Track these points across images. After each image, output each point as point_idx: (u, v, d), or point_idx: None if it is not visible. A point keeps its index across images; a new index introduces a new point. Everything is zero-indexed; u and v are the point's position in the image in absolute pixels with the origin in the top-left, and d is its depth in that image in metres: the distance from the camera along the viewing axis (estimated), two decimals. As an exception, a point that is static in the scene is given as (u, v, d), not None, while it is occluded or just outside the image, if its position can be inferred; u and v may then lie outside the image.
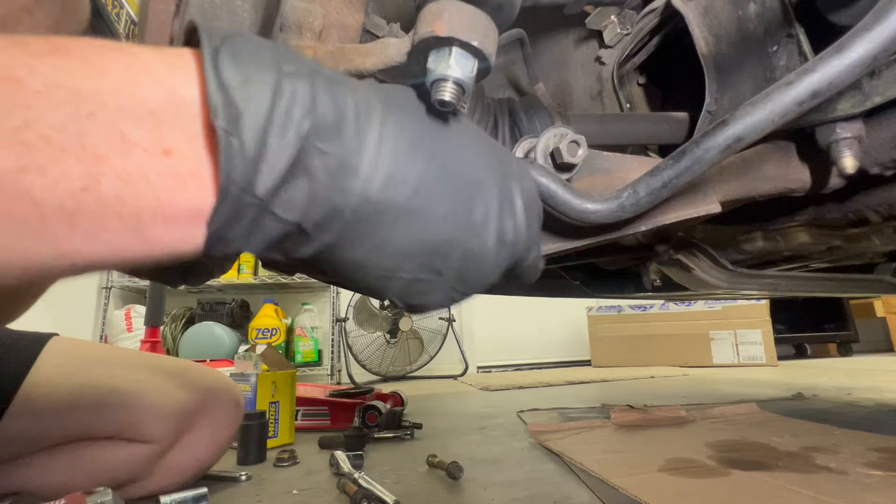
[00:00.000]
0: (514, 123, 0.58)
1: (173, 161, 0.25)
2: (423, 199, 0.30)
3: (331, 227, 0.28)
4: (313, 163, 0.27)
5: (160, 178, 0.25)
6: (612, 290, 1.17)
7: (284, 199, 0.27)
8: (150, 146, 0.24)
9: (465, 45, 0.30)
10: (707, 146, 0.36)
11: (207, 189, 0.26)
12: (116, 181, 0.24)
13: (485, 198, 0.32)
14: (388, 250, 0.30)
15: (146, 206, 0.25)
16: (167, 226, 0.25)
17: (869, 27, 0.30)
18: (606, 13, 0.71)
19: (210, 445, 0.89)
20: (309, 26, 0.45)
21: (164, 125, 0.25)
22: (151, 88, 0.25)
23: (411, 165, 0.29)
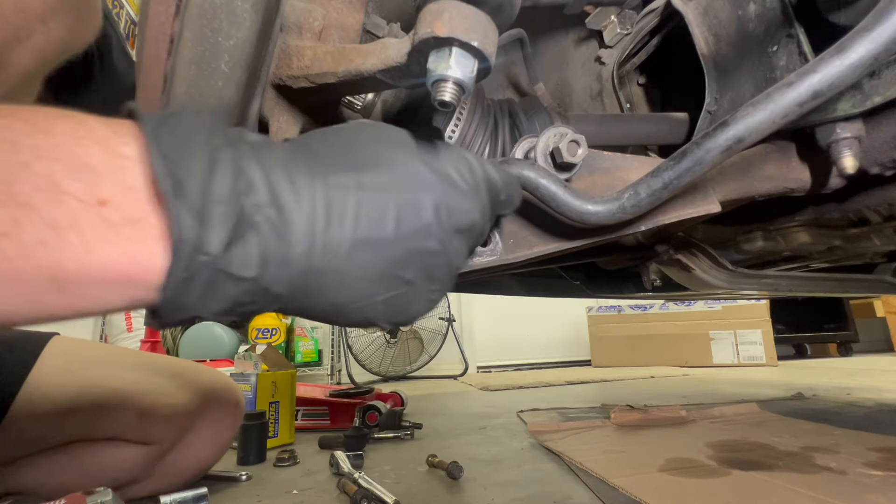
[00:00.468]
0: (514, 124, 0.58)
1: (107, 210, 0.25)
2: (367, 223, 0.30)
3: (288, 276, 0.29)
4: (257, 217, 0.28)
5: (91, 226, 0.25)
6: (612, 290, 1.17)
7: (237, 256, 0.27)
8: (85, 197, 0.24)
9: (465, 46, 0.30)
10: (708, 147, 0.36)
11: (150, 239, 0.26)
12: (42, 228, 0.23)
13: (424, 192, 0.32)
14: (354, 284, 0.31)
15: (72, 255, 0.24)
16: (94, 278, 0.25)
17: (870, 27, 0.30)
18: (606, 13, 0.71)
19: (210, 446, 0.89)
20: (309, 26, 0.44)
21: (100, 177, 0.25)
22: (91, 146, 0.26)
23: (343, 196, 0.30)
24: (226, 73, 0.38)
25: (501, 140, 0.57)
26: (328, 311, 0.32)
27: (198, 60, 0.37)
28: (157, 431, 0.81)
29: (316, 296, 0.31)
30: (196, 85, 0.38)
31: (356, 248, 0.30)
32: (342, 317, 0.33)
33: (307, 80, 0.42)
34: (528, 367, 3.89)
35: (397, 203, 0.31)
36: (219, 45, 0.37)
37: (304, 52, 0.43)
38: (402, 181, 0.32)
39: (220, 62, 0.38)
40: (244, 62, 0.38)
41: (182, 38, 0.36)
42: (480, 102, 0.57)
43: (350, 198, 0.30)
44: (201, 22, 0.36)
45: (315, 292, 0.30)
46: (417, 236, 0.32)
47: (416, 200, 0.32)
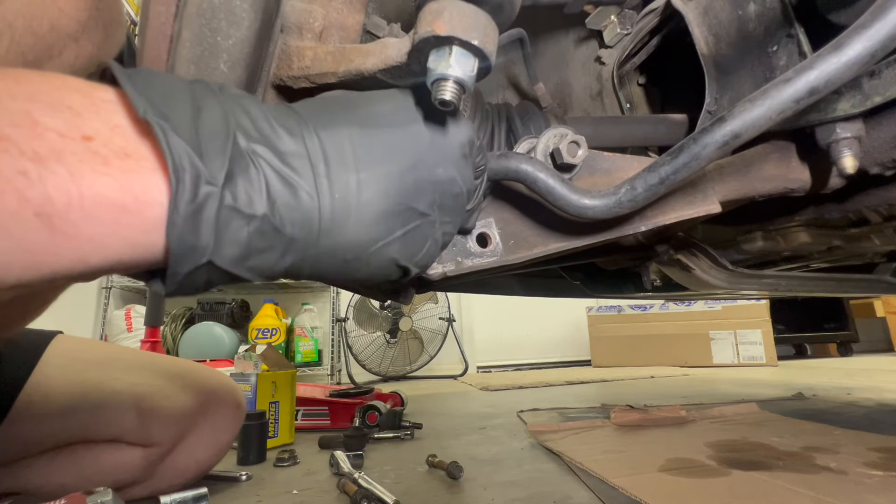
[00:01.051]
0: (511, 129, 0.58)
1: (94, 144, 0.24)
2: (369, 163, 0.31)
3: (300, 216, 0.28)
4: (258, 156, 0.27)
5: (77, 158, 0.23)
6: (612, 290, 1.17)
7: (242, 191, 0.26)
8: (67, 132, 0.23)
9: (466, 45, 0.30)
10: (704, 143, 0.36)
11: (145, 169, 0.24)
12: (21, 159, 0.22)
13: (421, 128, 0.33)
14: (370, 221, 0.30)
15: (59, 185, 0.22)
16: (87, 213, 0.23)
17: (867, 25, 0.30)
18: (606, 13, 0.71)
19: (211, 448, 0.90)
20: (309, 27, 0.45)
21: (82, 116, 0.24)
22: (69, 93, 0.25)
23: (341, 139, 0.30)
24: (225, 72, 0.38)
25: (498, 145, 0.57)
26: (350, 259, 0.31)
27: (197, 60, 0.37)
28: (157, 433, 0.81)
29: (333, 238, 0.29)
30: None
31: (364, 185, 0.30)
32: (364, 263, 0.32)
33: (308, 80, 0.42)
34: (528, 367, 3.89)
35: (394, 137, 0.32)
36: (217, 45, 0.37)
37: (304, 53, 0.43)
38: (393, 117, 0.33)
39: (219, 62, 0.38)
40: (243, 62, 0.38)
41: (181, 37, 0.37)
42: (480, 108, 0.57)
43: (345, 137, 0.30)
44: (200, 21, 0.36)
45: (331, 234, 0.29)
46: (423, 166, 0.32)
47: (411, 131, 0.33)
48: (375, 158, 0.31)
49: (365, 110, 0.32)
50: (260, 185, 0.27)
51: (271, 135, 0.28)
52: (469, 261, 0.44)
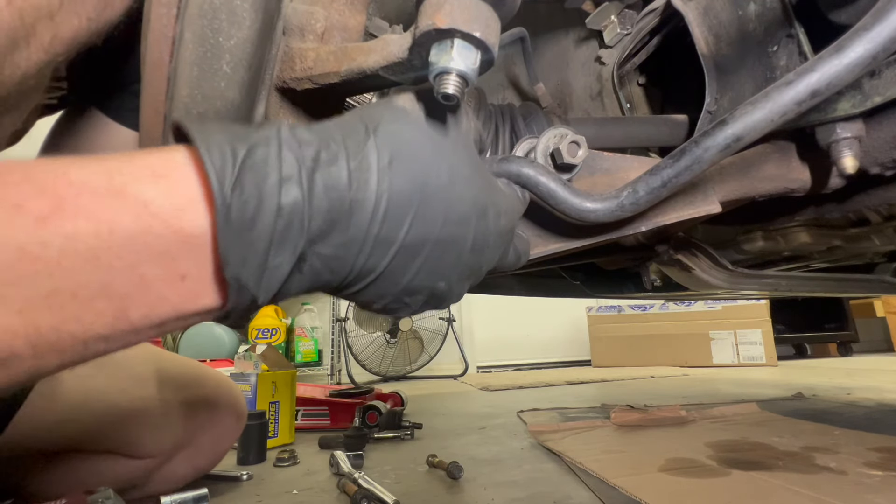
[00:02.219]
0: (514, 130, 0.58)
1: (188, 284, 0.29)
2: (403, 260, 0.32)
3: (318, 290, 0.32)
4: (309, 261, 0.30)
5: (179, 297, 0.29)
6: (612, 290, 1.17)
7: (279, 296, 0.31)
8: (168, 277, 0.28)
9: (467, 37, 0.30)
10: (706, 146, 0.36)
11: (217, 295, 0.30)
12: (143, 308, 0.28)
13: (462, 243, 0.33)
14: (389, 292, 0.33)
15: (167, 315, 0.29)
16: (185, 323, 0.31)
17: (868, 27, 0.30)
18: (606, 13, 0.71)
19: (209, 456, 0.89)
20: (311, 28, 0.45)
21: (177, 261, 0.28)
22: (162, 233, 0.28)
23: (395, 233, 0.31)
24: (228, 73, 0.38)
25: (502, 147, 0.57)
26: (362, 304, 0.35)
27: (199, 61, 0.37)
28: (153, 449, 0.80)
29: (355, 297, 0.34)
30: (199, 86, 0.38)
31: (380, 279, 0.32)
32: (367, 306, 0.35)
33: (310, 81, 0.42)
34: (528, 367, 3.88)
35: (436, 242, 0.32)
36: (220, 46, 0.37)
37: (306, 54, 0.43)
38: (450, 221, 0.32)
39: (221, 62, 0.38)
40: (246, 62, 0.38)
41: (183, 39, 0.36)
42: (484, 108, 0.57)
43: (400, 234, 0.31)
44: (201, 22, 0.36)
45: (355, 295, 0.33)
46: (433, 276, 0.33)
47: (456, 244, 0.33)
48: (405, 261, 0.32)
49: (456, 203, 0.32)
50: (297, 286, 0.31)
51: (337, 221, 0.30)
52: None
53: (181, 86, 0.38)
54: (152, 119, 0.40)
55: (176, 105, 0.38)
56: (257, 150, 0.29)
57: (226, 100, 0.39)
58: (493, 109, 0.59)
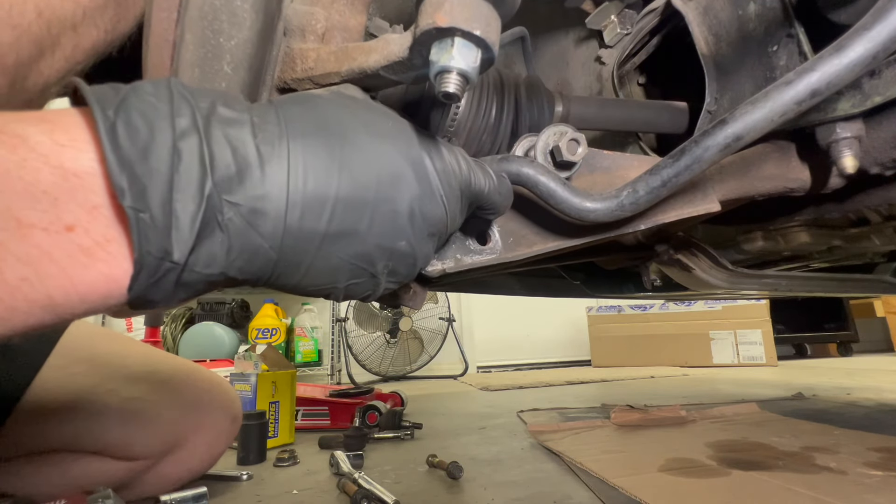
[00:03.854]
0: (517, 108, 0.58)
1: (76, 235, 0.25)
2: (342, 219, 0.30)
3: (255, 268, 0.29)
4: (226, 216, 0.27)
5: (66, 254, 0.25)
6: (612, 290, 1.17)
7: (203, 255, 0.27)
8: (50, 225, 0.24)
9: (468, 35, 0.30)
10: (706, 145, 0.36)
11: (121, 255, 0.26)
12: (19, 266, 0.24)
13: (403, 194, 0.32)
14: (319, 273, 0.31)
15: (56, 284, 0.25)
16: (82, 298, 0.26)
17: (868, 26, 0.30)
18: (606, 13, 0.71)
19: (204, 458, 0.89)
20: (312, 29, 0.45)
21: (59, 203, 0.25)
22: (40, 169, 0.24)
23: (324, 189, 0.29)
24: (229, 74, 0.38)
25: (504, 123, 0.56)
26: (292, 289, 0.32)
27: (200, 63, 0.37)
28: (142, 450, 0.80)
29: (279, 280, 0.31)
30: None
31: (327, 242, 0.30)
32: (301, 293, 0.33)
33: (311, 81, 0.42)
34: (528, 367, 3.88)
35: (375, 200, 0.31)
36: (220, 47, 0.37)
37: (307, 55, 0.43)
38: (383, 179, 0.31)
39: (222, 63, 0.37)
40: (246, 63, 0.38)
41: (183, 40, 0.36)
42: (482, 89, 0.56)
43: (330, 192, 0.29)
44: (202, 24, 0.36)
45: (279, 278, 0.30)
46: (389, 236, 0.32)
47: (394, 200, 0.31)
48: (349, 221, 0.30)
49: (362, 165, 0.31)
50: (222, 247, 0.27)
51: (253, 179, 0.27)
52: (468, 258, 0.44)
53: None
54: None
55: None
56: (144, 87, 0.27)
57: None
58: (501, 79, 0.57)
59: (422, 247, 0.34)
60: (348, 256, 0.31)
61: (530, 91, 0.59)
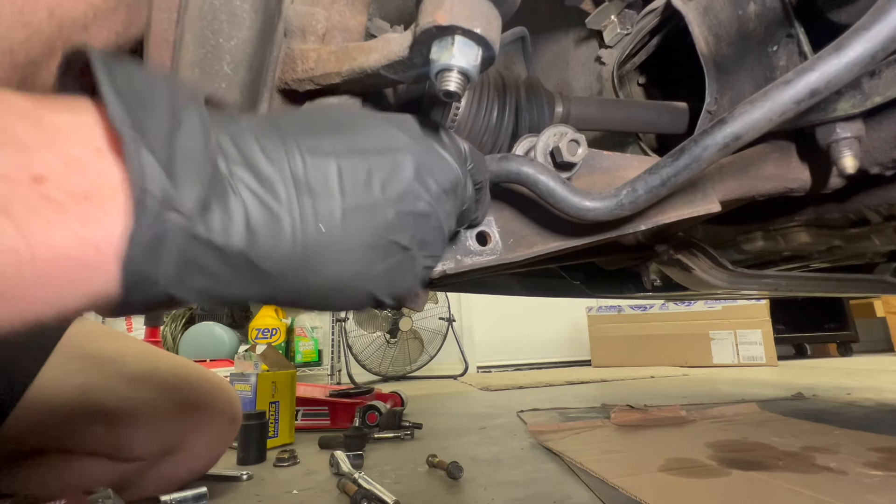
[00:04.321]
0: (518, 107, 0.58)
1: (46, 188, 0.20)
2: (353, 189, 0.29)
3: (280, 252, 0.25)
4: (236, 182, 0.24)
5: (26, 208, 0.20)
6: (612, 290, 1.17)
7: (219, 219, 0.23)
8: (13, 172, 0.20)
9: (468, 33, 0.30)
10: (705, 144, 0.36)
11: (104, 214, 0.21)
12: None
13: (404, 157, 0.31)
14: (352, 254, 0.29)
15: (6, 245, 0.19)
16: (38, 270, 0.20)
17: (868, 26, 0.30)
18: (606, 13, 0.71)
19: (203, 459, 0.89)
20: (312, 29, 0.45)
21: (30, 151, 0.20)
22: (13, 119, 0.21)
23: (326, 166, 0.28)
24: (229, 74, 0.38)
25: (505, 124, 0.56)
26: (327, 292, 0.29)
27: (200, 63, 0.37)
28: (139, 451, 0.79)
29: (313, 274, 0.27)
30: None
31: (348, 216, 0.28)
32: (342, 296, 0.30)
33: (312, 82, 0.42)
34: (528, 367, 3.88)
35: (379, 165, 0.30)
36: (220, 46, 0.37)
37: (307, 55, 0.43)
38: (378, 143, 0.31)
39: (222, 63, 0.37)
40: (246, 62, 0.38)
41: (183, 41, 0.36)
42: (482, 90, 0.56)
43: (331, 164, 0.28)
44: (201, 24, 0.36)
45: (312, 269, 0.27)
46: (406, 198, 0.31)
47: (396, 162, 0.31)
48: (361, 189, 0.29)
49: (352, 135, 0.30)
50: (240, 214, 0.24)
51: (255, 156, 0.26)
52: (469, 259, 0.44)
53: None
54: None
55: None
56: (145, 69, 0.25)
57: (226, 101, 0.39)
58: (501, 79, 0.57)
59: (442, 205, 0.33)
60: (375, 229, 0.29)
61: (530, 92, 0.59)
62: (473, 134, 0.55)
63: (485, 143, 0.56)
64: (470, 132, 0.54)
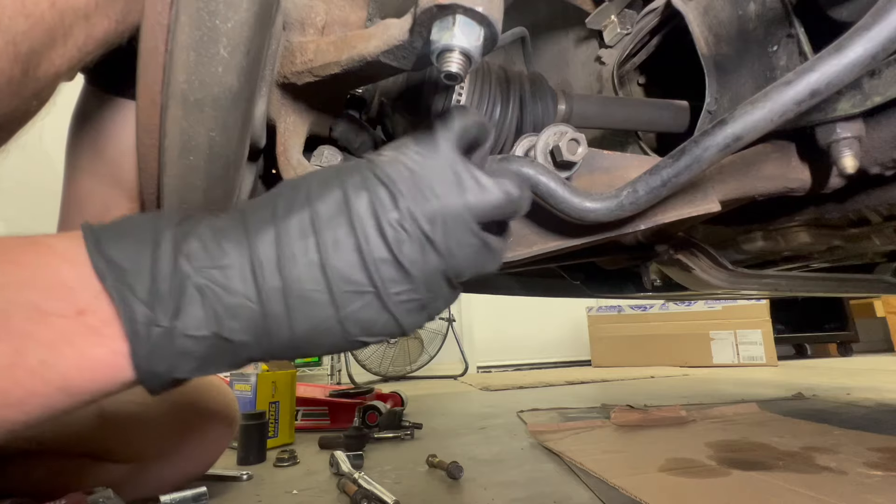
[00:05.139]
0: (522, 102, 0.57)
1: (87, 318, 0.29)
2: (298, 282, 0.33)
3: (245, 324, 0.32)
4: (200, 281, 0.31)
5: (80, 335, 0.29)
6: (612, 290, 1.17)
7: (190, 319, 0.31)
8: (66, 311, 0.29)
9: (470, 12, 0.29)
10: (706, 145, 0.36)
11: (120, 334, 0.30)
12: (40, 350, 0.28)
13: (353, 258, 0.33)
14: (307, 316, 0.33)
15: (71, 363, 0.29)
16: (93, 375, 0.30)
17: (868, 26, 0.30)
18: (606, 13, 0.71)
19: (199, 462, 0.88)
20: (311, 22, 0.44)
21: (74, 291, 0.29)
22: (61, 265, 0.30)
23: (273, 253, 0.33)
24: (225, 58, 0.36)
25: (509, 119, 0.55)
26: (303, 345, 0.34)
27: (196, 45, 0.36)
28: (135, 453, 0.79)
29: (279, 334, 0.33)
30: (195, 72, 0.36)
31: (292, 290, 0.32)
32: (319, 347, 0.35)
33: (311, 73, 0.42)
34: (528, 367, 3.88)
35: (323, 262, 0.32)
36: (217, 29, 0.35)
37: (307, 47, 0.42)
38: (327, 239, 0.32)
39: (218, 46, 0.36)
40: (244, 47, 0.37)
41: (178, 22, 0.35)
42: (484, 83, 0.55)
43: (268, 244, 0.32)
44: (197, 5, 0.35)
45: (276, 331, 0.32)
46: (351, 297, 0.33)
47: (337, 235, 0.33)
48: (303, 278, 0.33)
49: (307, 211, 0.33)
50: (203, 310, 0.31)
51: (217, 254, 0.32)
52: None
53: (177, 71, 0.36)
54: (148, 110, 0.39)
55: (172, 91, 0.37)
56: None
57: (224, 86, 0.37)
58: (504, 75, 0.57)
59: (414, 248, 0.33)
60: (326, 282, 0.33)
61: (534, 87, 0.58)
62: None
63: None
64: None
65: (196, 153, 0.40)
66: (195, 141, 0.39)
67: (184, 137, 0.39)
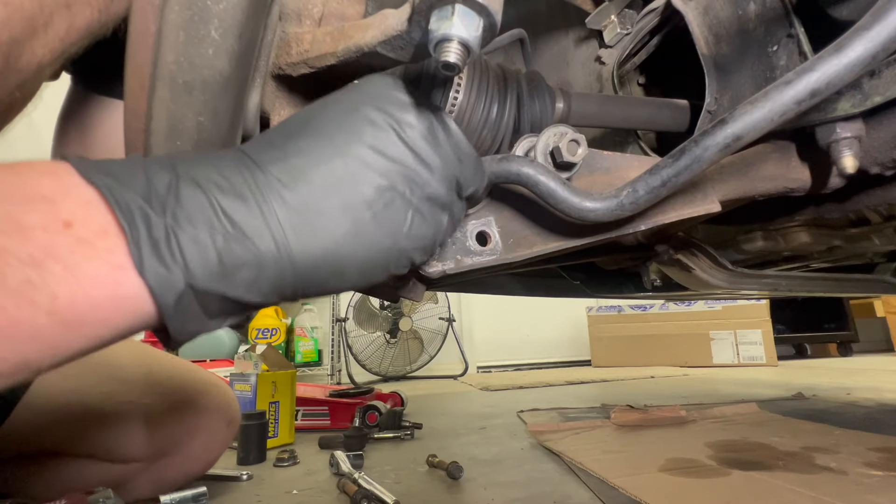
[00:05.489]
0: (520, 100, 0.57)
1: (76, 230, 0.25)
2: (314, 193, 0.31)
3: (262, 231, 0.29)
4: (203, 184, 0.28)
5: (67, 249, 0.25)
6: (612, 290, 1.17)
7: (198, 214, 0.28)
8: (49, 224, 0.25)
9: (469, 2, 0.29)
10: (706, 145, 0.36)
11: (122, 245, 0.26)
12: (22, 267, 0.24)
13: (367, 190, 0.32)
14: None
15: (59, 280, 0.24)
16: (89, 297, 0.25)
17: (868, 26, 0.30)
18: (606, 13, 0.71)
19: (200, 462, 0.88)
20: (308, 14, 0.44)
21: (56, 202, 0.26)
22: (39, 178, 0.26)
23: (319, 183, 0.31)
24: (217, 40, 0.35)
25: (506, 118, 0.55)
26: (332, 261, 0.31)
27: (186, 25, 0.34)
28: (134, 453, 0.79)
29: (310, 241, 0.30)
30: (185, 53, 0.35)
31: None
32: (350, 258, 0.32)
33: (307, 65, 0.42)
34: (528, 367, 3.88)
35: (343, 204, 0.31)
36: (208, 9, 0.34)
37: (303, 38, 0.42)
38: (343, 181, 0.31)
39: (209, 28, 0.35)
40: (236, 30, 0.36)
41: (169, 1, 0.34)
42: (481, 79, 0.55)
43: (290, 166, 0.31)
44: None
45: (306, 236, 0.30)
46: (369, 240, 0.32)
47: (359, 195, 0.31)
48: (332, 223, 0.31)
49: (315, 139, 0.32)
50: (214, 208, 0.28)
51: (218, 178, 0.29)
52: (469, 259, 0.44)
53: (166, 51, 0.35)
54: (137, 94, 0.37)
55: (161, 72, 0.35)
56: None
57: (214, 69, 0.36)
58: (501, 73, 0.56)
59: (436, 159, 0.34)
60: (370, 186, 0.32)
61: (532, 85, 0.57)
62: (472, 127, 0.53)
63: (484, 139, 0.54)
64: (468, 125, 0.53)
65: (183, 138, 0.38)
66: (183, 125, 0.37)
67: (171, 121, 0.37)
